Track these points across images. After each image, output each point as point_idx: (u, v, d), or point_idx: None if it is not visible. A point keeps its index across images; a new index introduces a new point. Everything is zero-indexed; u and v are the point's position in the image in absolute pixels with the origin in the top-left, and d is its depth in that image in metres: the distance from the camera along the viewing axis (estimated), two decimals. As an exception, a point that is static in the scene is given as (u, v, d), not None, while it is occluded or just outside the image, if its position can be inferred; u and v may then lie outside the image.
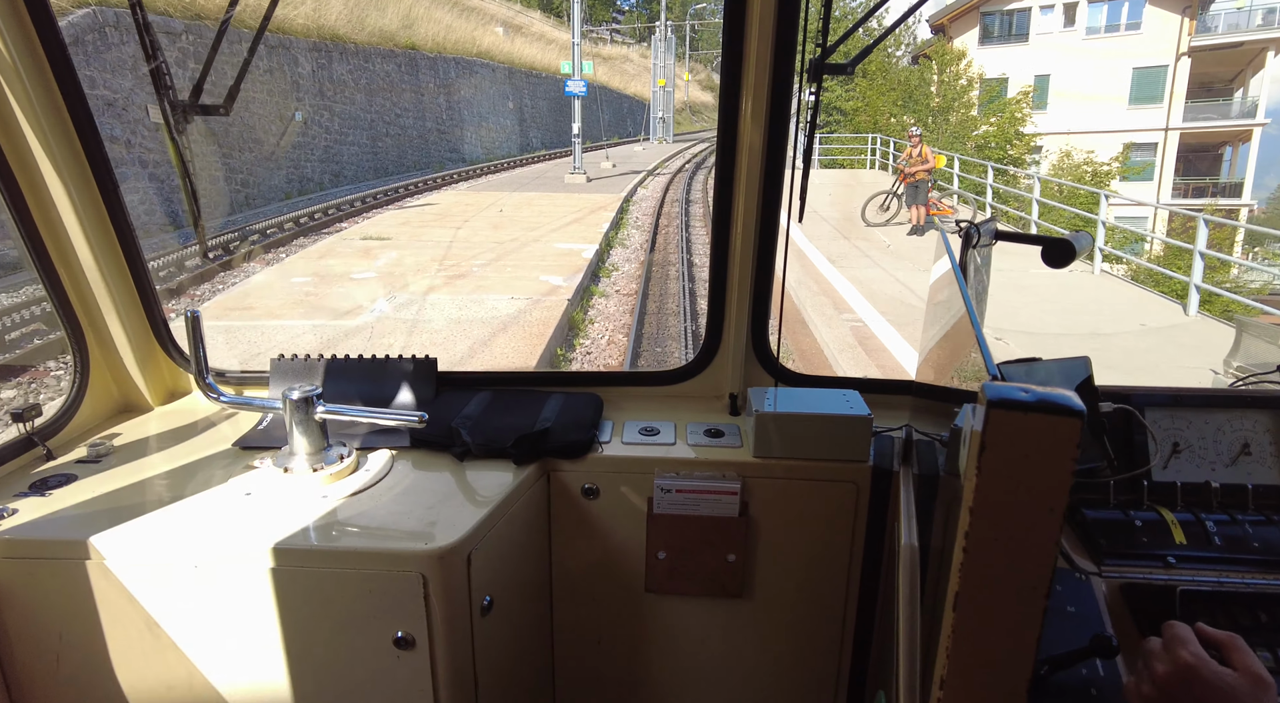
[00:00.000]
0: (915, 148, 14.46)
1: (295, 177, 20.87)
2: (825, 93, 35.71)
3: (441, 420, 1.71)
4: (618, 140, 48.25)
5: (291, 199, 19.15)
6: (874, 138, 26.80)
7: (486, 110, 35.05)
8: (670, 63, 42.75)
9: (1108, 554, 1.20)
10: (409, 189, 20.89)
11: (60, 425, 1.76)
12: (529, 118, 40.49)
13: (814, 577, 1.70)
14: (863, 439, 1.62)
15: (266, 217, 15.66)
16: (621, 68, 60.57)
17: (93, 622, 1.41)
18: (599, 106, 54.03)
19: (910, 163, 14.47)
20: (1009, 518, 0.72)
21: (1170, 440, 1.37)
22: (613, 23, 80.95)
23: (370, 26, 26.64)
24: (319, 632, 1.39)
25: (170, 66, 1.61)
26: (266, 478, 1.55)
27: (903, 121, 32.57)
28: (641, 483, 1.66)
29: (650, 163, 31.45)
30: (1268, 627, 1.10)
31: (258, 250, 12.71)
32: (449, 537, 1.36)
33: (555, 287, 10.39)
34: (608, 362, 8.76)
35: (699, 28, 72.74)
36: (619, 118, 55.08)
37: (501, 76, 37.49)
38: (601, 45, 64.30)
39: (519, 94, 40.02)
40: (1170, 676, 0.84)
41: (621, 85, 56.58)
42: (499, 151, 35.40)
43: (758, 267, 1.76)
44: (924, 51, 36.34)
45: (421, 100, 29.27)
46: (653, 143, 43.21)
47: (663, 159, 34.34)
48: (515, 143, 39.75)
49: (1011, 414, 0.69)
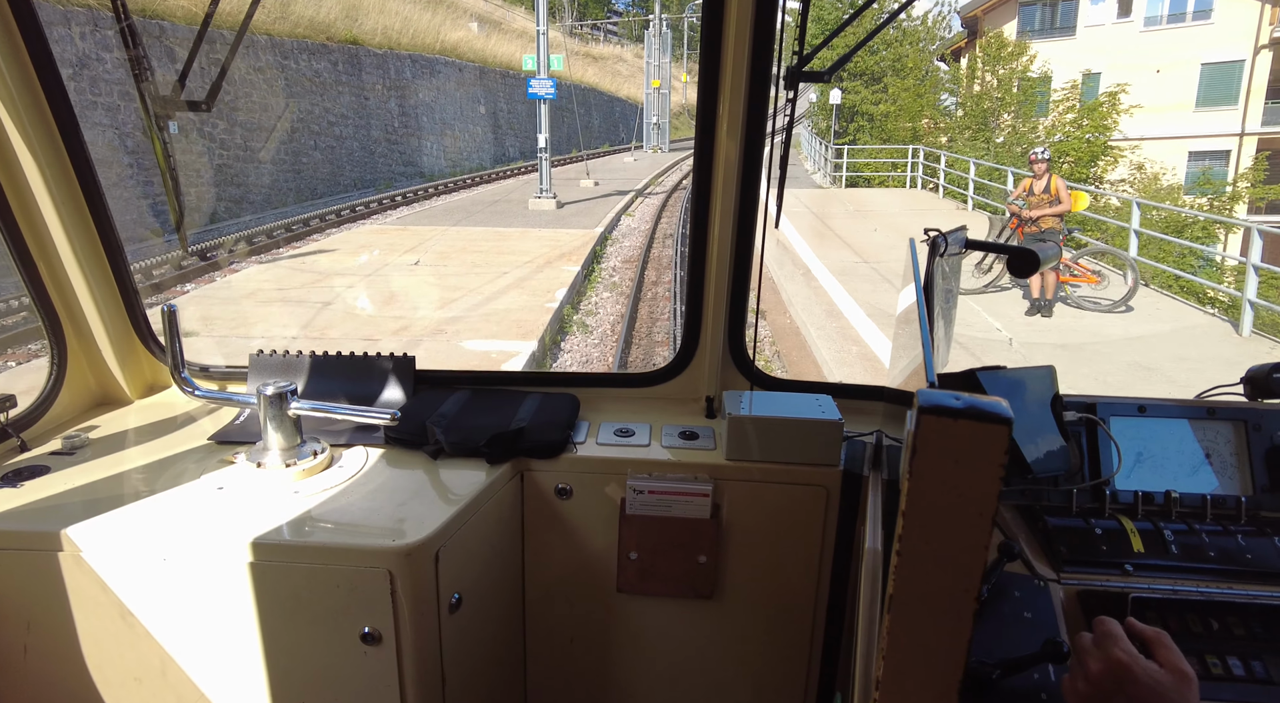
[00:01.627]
0: (1041, 179, 9.07)
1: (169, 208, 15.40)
2: (851, 96, 30.46)
3: (417, 418, 1.80)
4: (609, 148, 43.10)
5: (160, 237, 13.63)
6: (915, 151, 24.39)
7: (452, 116, 31.85)
8: (666, 63, 37.76)
9: (1067, 562, 1.27)
10: (316, 223, 17.14)
11: (35, 417, 1.83)
12: (505, 124, 37.63)
13: (784, 579, 1.80)
14: (834, 444, 1.71)
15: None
16: (614, 68, 55.64)
17: (63, 613, 1.49)
18: (588, 111, 48.47)
19: (1031, 202, 9.05)
20: (940, 522, 0.76)
21: (1134, 450, 1.42)
22: (607, 19, 75.26)
23: (295, 16, 21.32)
24: (287, 625, 1.47)
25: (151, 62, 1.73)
26: (240, 473, 1.63)
27: (940, 127, 27.10)
28: (615, 484, 1.75)
29: (641, 179, 28.11)
30: (1220, 635, 1.17)
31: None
32: (417, 534, 1.43)
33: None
34: None
35: (698, 24, 67.22)
36: (610, 124, 50.08)
37: (471, 77, 33.32)
38: (592, 44, 58.95)
39: (493, 97, 36.07)
40: (1103, 673, 0.91)
41: (614, 87, 51.78)
42: (468, 163, 32.78)
43: (734, 272, 1.87)
44: (955, 46, 30.86)
45: (366, 104, 26.04)
46: (646, 152, 38.12)
47: (656, 173, 29.37)
48: (488, 153, 34.93)
49: (942, 420, 0.72)
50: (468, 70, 33.26)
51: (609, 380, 2.08)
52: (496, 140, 35.88)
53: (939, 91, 29.95)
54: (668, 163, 33.92)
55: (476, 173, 28.62)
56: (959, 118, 28.56)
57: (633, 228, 17.97)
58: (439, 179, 25.92)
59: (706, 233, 1.82)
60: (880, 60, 31.48)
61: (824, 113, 37.67)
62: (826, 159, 28.32)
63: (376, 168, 25.43)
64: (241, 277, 11.74)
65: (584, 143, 44.35)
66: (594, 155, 37.66)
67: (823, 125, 36.17)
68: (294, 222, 16.05)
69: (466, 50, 35.30)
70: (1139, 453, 1.42)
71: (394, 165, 26.59)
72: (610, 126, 50.32)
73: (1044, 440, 1.40)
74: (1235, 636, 1.17)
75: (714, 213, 1.79)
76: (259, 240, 14.23)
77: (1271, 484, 1.38)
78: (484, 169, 32.24)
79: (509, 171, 29.33)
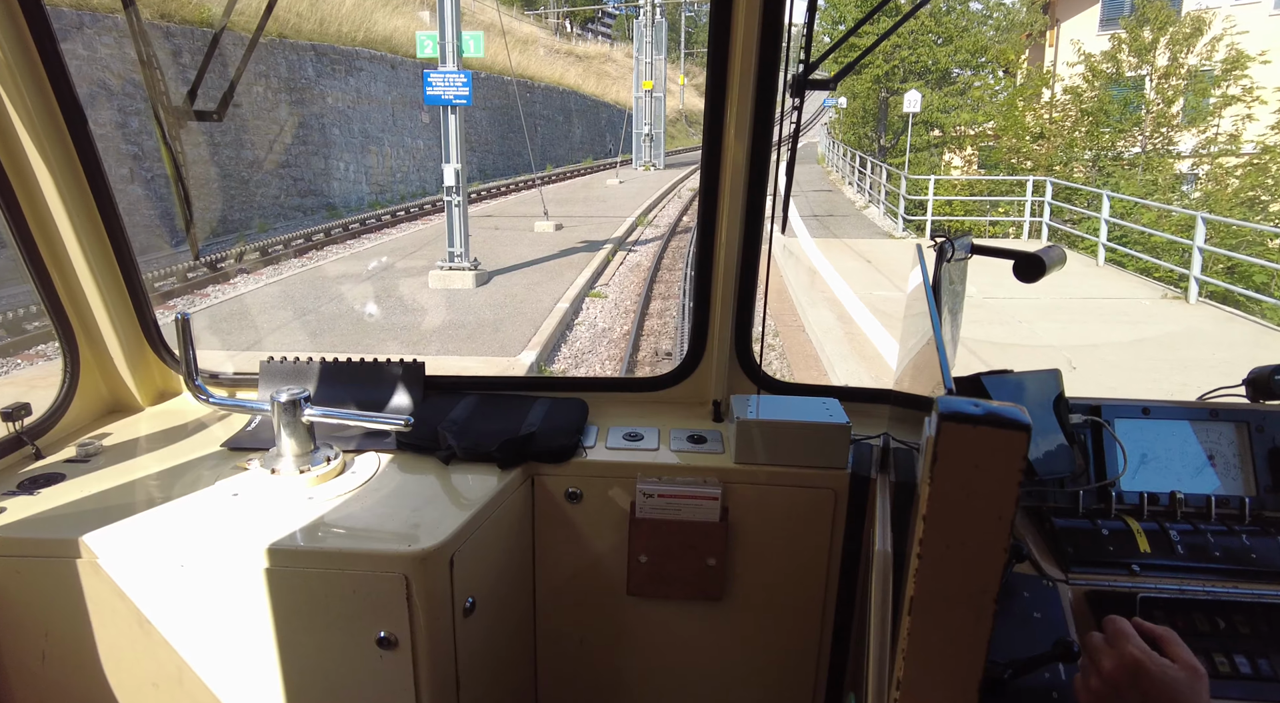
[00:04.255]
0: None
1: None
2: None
3: (428, 424, 1.81)
4: (591, 163, 34.95)
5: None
6: (1039, 183, 17.11)
7: (380, 127, 24.64)
8: (660, 61, 29.82)
9: (1075, 562, 1.28)
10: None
11: (49, 425, 1.84)
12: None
13: (792, 581, 1.80)
14: (841, 447, 1.72)
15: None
16: (600, 69, 47.55)
17: (80, 620, 1.50)
18: (567, 118, 40.17)
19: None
20: (960, 525, 0.77)
21: (1139, 452, 1.43)
22: (599, 21, 67.46)
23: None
24: (303, 631, 1.48)
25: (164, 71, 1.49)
26: (254, 479, 1.64)
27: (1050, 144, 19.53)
28: (624, 488, 1.76)
29: (625, 213, 20.52)
30: (1226, 633, 1.18)
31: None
32: (432, 539, 1.44)
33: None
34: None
35: (697, 19, 60.03)
36: (596, 133, 42.22)
37: (408, 77, 26.29)
38: (577, 42, 51.01)
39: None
40: (1117, 669, 0.92)
41: (600, 91, 43.89)
42: (401, 189, 25.50)
43: (741, 276, 1.87)
44: (1034, 30, 23.22)
45: (238, 114, 19.02)
46: (636, 169, 30.08)
47: (647, 204, 21.11)
48: (434, 173, 26.64)
49: (962, 427, 0.73)
50: (405, 68, 25.77)
51: (617, 385, 2.14)
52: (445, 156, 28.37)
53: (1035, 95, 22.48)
54: (662, 185, 26.23)
55: (417, 201, 21.97)
56: (1090, 132, 20.83)
57: (600, 325, 10.37)
58: (361, 213, 19.51)
59: (714, 238, 1.84)
60: (954, 52, 24.33)
61: (856, 120, 30.05)
62: (881, 186, 21.01)
63: (250, 203, 18.11)
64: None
65: (563, 156, 36.37)
66: (560, 177, 29.96)
67: (867, 139, 28.58)
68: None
69: (404, 42, 27.59)
70: (1144, 454, 1.43)
71: (284, 198, 19.26)
72: (595, 136, 42.72)
73: (1049, 442, 1.40)
74: (1241, 634, 1.18)
75: (721, 218, 1.81)
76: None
77: (1274, 484, 1.39)
78: (426, 194, 24.95)
79: (466, 198, 21.99)
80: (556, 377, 3.18)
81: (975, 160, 24.02)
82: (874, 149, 28.34)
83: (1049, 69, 23.71)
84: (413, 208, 20.95)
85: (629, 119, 33.53)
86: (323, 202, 20.78)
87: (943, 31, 27.25)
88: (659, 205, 22.35)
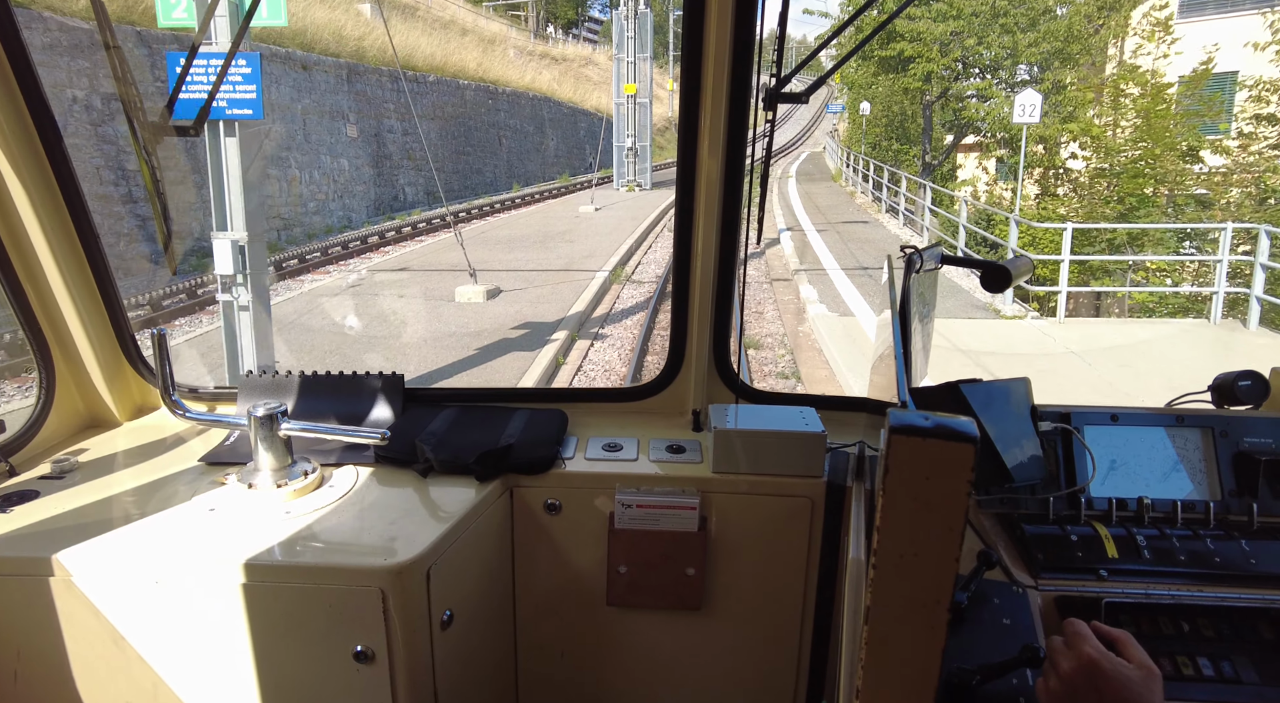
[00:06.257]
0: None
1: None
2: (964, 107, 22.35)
3: (407, 437, 1.79)
4: (568, 181, 29.80)
5: None
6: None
7: (282, 146, 19.06)
8: (646, 59, 24.71)
9: (1044, 568, 1.28)
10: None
11: (24, 441, 1.81)
12: (397, 153, 24.52)
13: (771, 590, 1.81)
14: (817, 455, 1.72)
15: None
16: (580, 73, 42.39)
17: (54, 638, 1.48)
18: (539, 128, 34.78)
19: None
20: (912, 536, 0.78)
21: (1108, 458, 1.43)
22: (583, 25, 62.67)
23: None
24: (280, 646, 1.47)
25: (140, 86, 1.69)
26: (231, 494, 1.63)
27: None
28: (603, 498, 1.75)
29: (597, 260, 14.75)
30: (1191, 636, 1.18)
31: None
32: (408, 552, 1.44)
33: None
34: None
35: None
36: (574, 146, 37.09)
37: (328, 81, 21.80)
38: (554, 43, 45.90)
39: (378, 110, 23.64)
40: (1075, 670, 0.93)
41: (578, 97, 38.59)
42: (322, 220, 20.20)
43: (718, 287, 1.88)
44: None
45: (68, 134, 10.25)
46: (618, 189, 24.82)
47: (626, 246, 15.92)
48: (362, 200, 23.87)
49: (912, 439, 0.75)
50: (322, 69, 20.71)
51: (596, 395, 2.11)
52: (380, 178, 23.06)
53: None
54: (649, 212, 20.02)
55: (326, 242, 16.73)
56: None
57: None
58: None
59: (690, 249, 1.85)
60: (1035, 41, 18.75)
61: (883, 129, 24.92)
62: (959, 226, 14.21)
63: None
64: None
65: (534, 173, 31.19)
66: (528, 200, 24.62)
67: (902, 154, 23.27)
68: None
69: (329, 38, 22.60)
70: (1112, 460, 1.43)
71: (135, 242, 14.08)
72: (573, 148, 37.44)
73: (1022, 449, 1.39)
74: (1205, 637, 1.19)
75: (697, 230, 1.82)
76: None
77: (1239, 489, 1.40)
78: (349, 226, 20.25)
79: (354, 246, 16.23)
80: (537, 388, 3.29)
81: (1076, 193, 18.30)
82: (915, 167, 23.03)
83: (1130, 65, 18.57)
84: (333, 247, 15.73)
85: (606, 127, 28.05)
86: (194, 246, 15.49)
87: (1024, 14, 20.23)
88: (645, 243, 16.97)
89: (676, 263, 1.87)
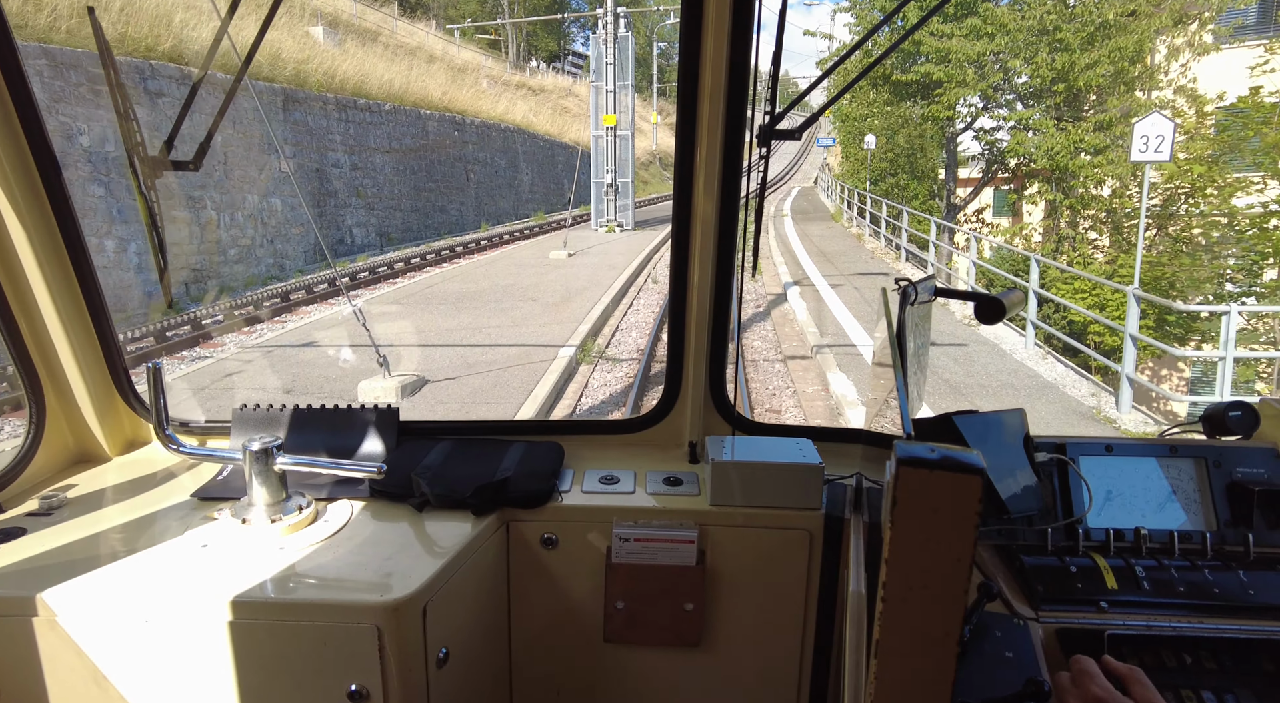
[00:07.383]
0: None
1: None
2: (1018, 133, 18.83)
3: (402, 470, 1.78)
4: (544, 219, 27.22)
5: None
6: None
7: (195, 183, 16.25)
8: (628, 88, 22.29)
9: (1044, 600, 1.28)
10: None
11: (12, 477, 1.78)
12: (344, 188, 21.76)
13: (770, 624, 1.79)
14: (815, 487, 1.71)
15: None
16: (559, 104, 39.96)
17: (34, 679, 1.44)
18: (512, 162, 32.09)
19: None
20: (920, 569, 0.78)
21: (1104, 488, 1.43)
22: (567, 59, 61.11)
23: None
24: (273, 685, 1.44)
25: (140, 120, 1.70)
26: (224, 529, 1.60)
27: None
28: (600, 532, 1.74)
29: (561, 331, 11.13)
30: (1193, 669, 1.17)
31: None
32: (404, 588, 1.41)
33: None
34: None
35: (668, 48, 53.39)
36: (551, 181, 34.60)
37: (263, 109, 18.75)
38: (532, 74, 43.69)
39: (320, 141, 21.08)
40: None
41: (558, 130, 36.43)
42: (245, 270, 17.49)
43: (714, 319, 1.89)
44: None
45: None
46: (597, 230, 22.14)
47: (601, 306, 12.88)
48: (298, 244, 20.28)
49: (919, 471, 0.74)
50: (249, 95, 17.90)
51: (593, 428, 2.09)
52: (322, 219, 20.27)
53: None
54: (631, 259, 17.10)
55: (245, 295, 14.38)
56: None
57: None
58: (140, 323, 11.66)
59: (686, 283, 1.86)
60: (1095, 61, 15.67)
61: (889, 164, 22.47)
62: (1028, 296, 10.62)
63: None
64: None
65: (496, 211, 28.65)
66: (495, 243, 21.80)
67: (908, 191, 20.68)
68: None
69: (258, 62, 19.70)
70: (1108, 491, 1.43)
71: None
72: (550, 184, 34.78)
73: (1018, 480, 1.39)
74: (1207, 669, 1.18)
75: (693, 265, 1.83)
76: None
77: (1233, 519, 1.40)
78: (281, 274, 17.67)
79: (269, 306, 13.32)
80: (533, 420, 3.14)
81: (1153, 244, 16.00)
82: (935, 207, 20.42)
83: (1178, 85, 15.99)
84: (265, 300, 13.21)
85: (581, 161, 25.22)
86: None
87: (1079, 29, 16.74)
88: (624, 299, 14.15)
89: (673, 295, 1.89)
